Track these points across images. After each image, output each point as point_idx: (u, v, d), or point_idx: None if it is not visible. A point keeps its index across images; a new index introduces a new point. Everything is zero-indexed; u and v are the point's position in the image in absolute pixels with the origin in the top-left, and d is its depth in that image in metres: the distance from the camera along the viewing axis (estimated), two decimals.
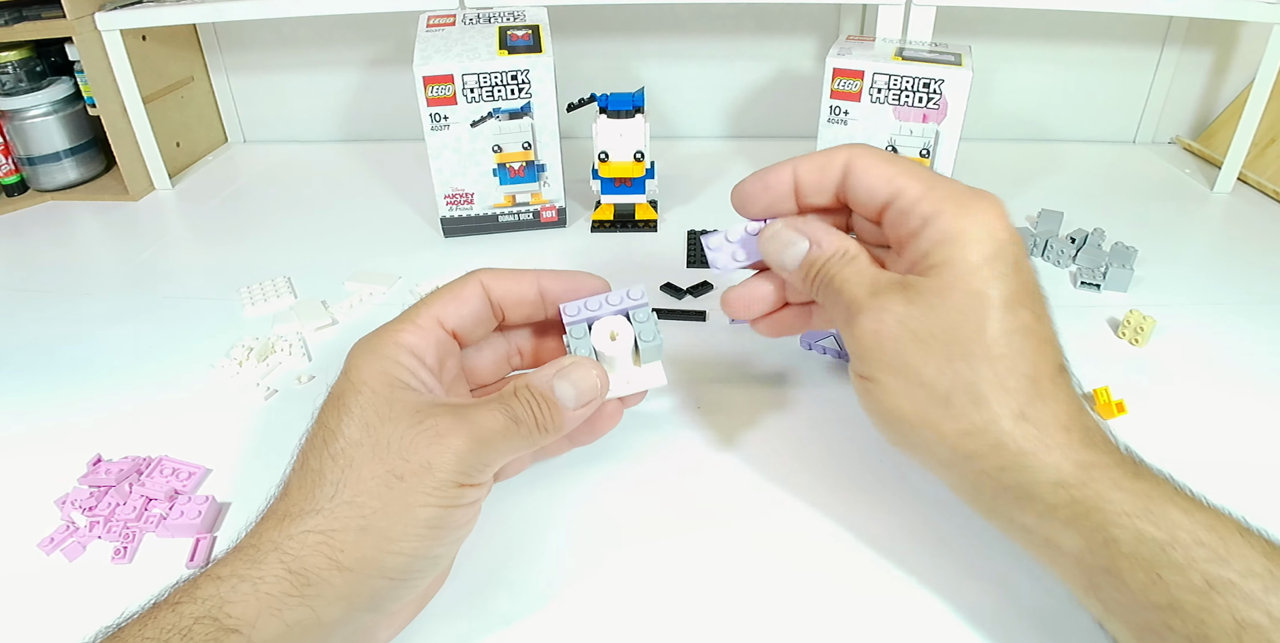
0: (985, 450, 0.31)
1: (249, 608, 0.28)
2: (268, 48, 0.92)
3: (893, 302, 0.33)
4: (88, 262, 0.70)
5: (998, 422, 0.31)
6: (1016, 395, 0.31)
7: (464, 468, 0.32)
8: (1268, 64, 0.71)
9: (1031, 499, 0.30)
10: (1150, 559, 0.28)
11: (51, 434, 0.48)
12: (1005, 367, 0.31)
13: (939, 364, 0.31)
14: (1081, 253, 0.64)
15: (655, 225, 0.72)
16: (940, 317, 0.32)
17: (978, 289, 0.31)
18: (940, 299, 0.32)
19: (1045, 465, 0.30)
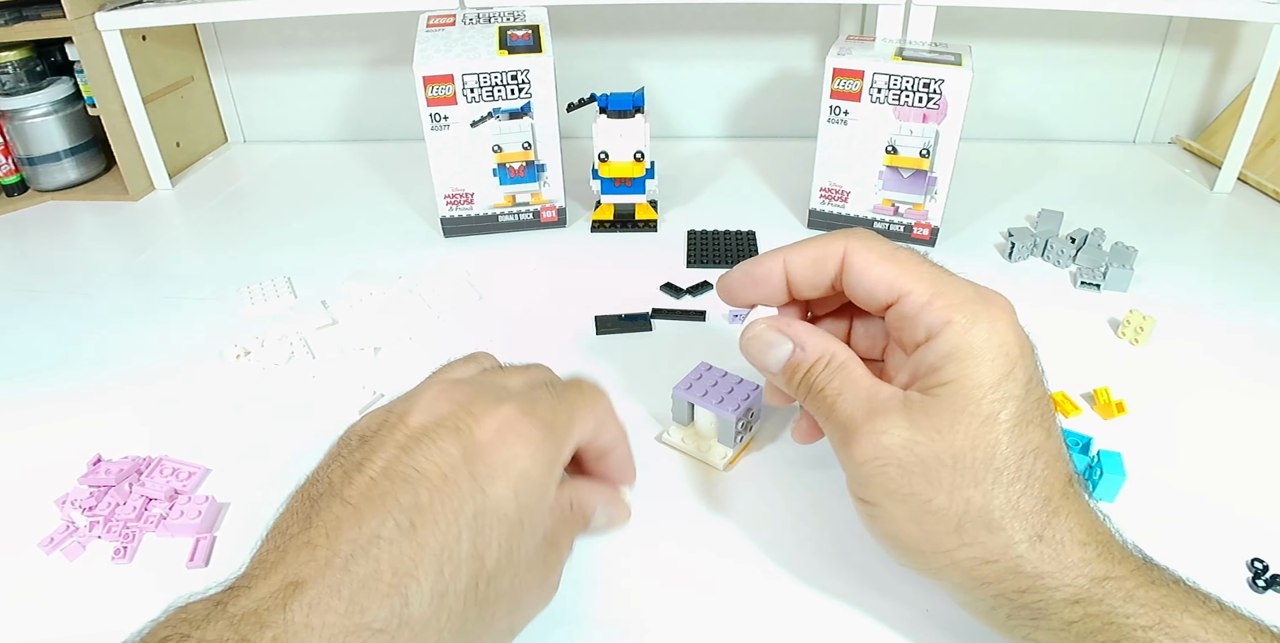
0: (1002, 575, 0.30)
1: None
2: (268, 48, 0.92)
3: (895, 424, 0.31)
4: (88, 262, 0.70)
5: (1014, 547, 0.29)
6: (1031, 518, 0.29)
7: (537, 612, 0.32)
8: (1268, 64, 0.71)
9: (1047, 617, 0.29)
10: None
11: (51, 434, 0.48)
12: (1018, 490, 0.30)
13: (949, 491, 0.30)
14: (1081, 253, 0.64)
15: (655, 225, 0.72)
16: (949, 442, 0.30)
17: (989, 413, 0.30)
18: (949, 423, 0.30)
19: (1062, 585, 0.29)
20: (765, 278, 0.35)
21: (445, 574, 0.26)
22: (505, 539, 0.28)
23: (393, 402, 0.32)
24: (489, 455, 0.28)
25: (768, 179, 0.82)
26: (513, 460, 0.29)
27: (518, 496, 0.28)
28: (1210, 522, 0.41)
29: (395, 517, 0.26)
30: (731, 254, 0.66)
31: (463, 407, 0.30)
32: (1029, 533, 0.29)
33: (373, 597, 0.25)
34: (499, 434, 0.29)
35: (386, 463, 0.28)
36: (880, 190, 0.67)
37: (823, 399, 0.33)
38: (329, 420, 0.49)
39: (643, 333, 0.57)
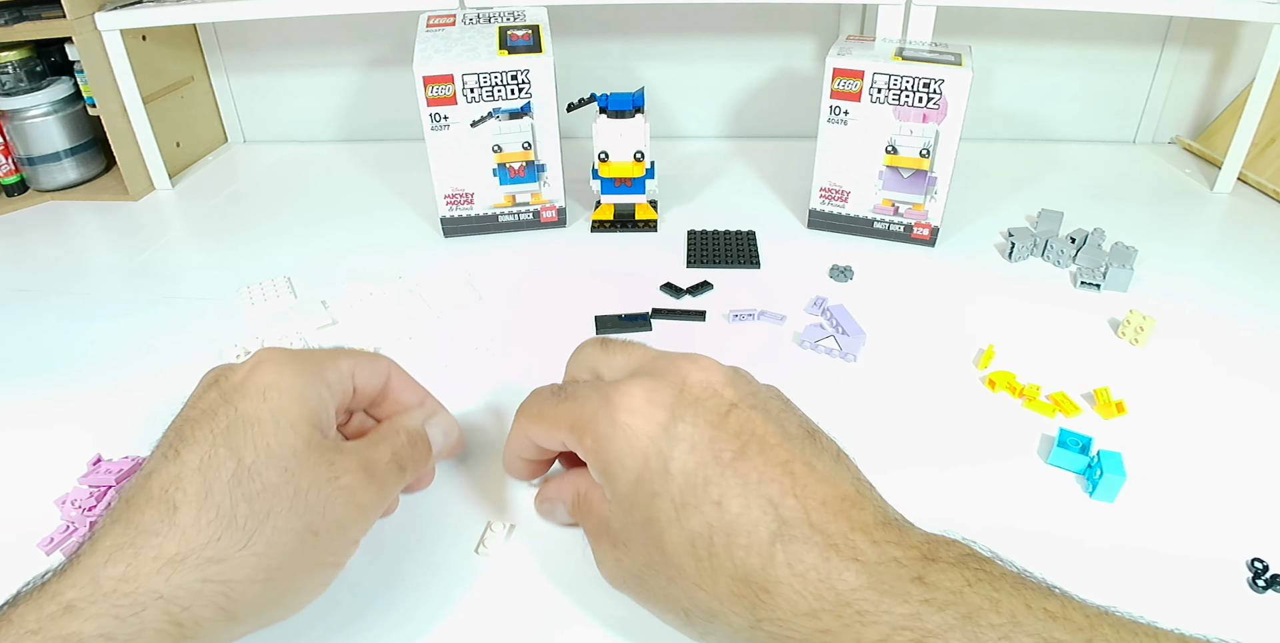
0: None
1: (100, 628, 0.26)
2: (268, 48, 0.92)
3: (603, 550, 0.33)
4: (88, 262, 0.70)
5: (740, 633, 0.28)
6: (739, 605, 0.28)
7: (371, 522, 0.34)
8: (1268, 64, 0.72)
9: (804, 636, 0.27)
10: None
11: (51, 434, 0.49)
12: (708, 578, 0.28)
13: (664, 594, 0.30)
14: (1081, 253, 0.64)
15: (655, 225, 0.72)
16: (636, 555, 0.31)
17: (645, 513, 0.30)
18: (628, 537, 0.31)
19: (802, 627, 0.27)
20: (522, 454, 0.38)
21: (207, 478, 0.30)
22: (258, 436, 0.31)
23: None
24: (243, 385, 0.33)
25: (768, 179, 0.82)
26: (259, 380, 0.33)
27: (266, 401, 0.32)
28: (1210, 522, 0.41)
29: (164, 453, 0.31)
30: (731, 254, 0.66)
31: (225, 368, 0.35)
32: (746, 622, 0.28)
33: (144, 512, 0.29)
34: (251, 370, 0.34)
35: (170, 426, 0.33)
36: (880, 190, 0.67)
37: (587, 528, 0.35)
38: None
39: (643, 333, 0.57)
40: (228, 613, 0.29)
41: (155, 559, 0.28)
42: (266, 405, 0.32)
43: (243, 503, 0.30)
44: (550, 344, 0.56)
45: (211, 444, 0.31)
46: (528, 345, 0.56)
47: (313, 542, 0.31)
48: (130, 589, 0.27)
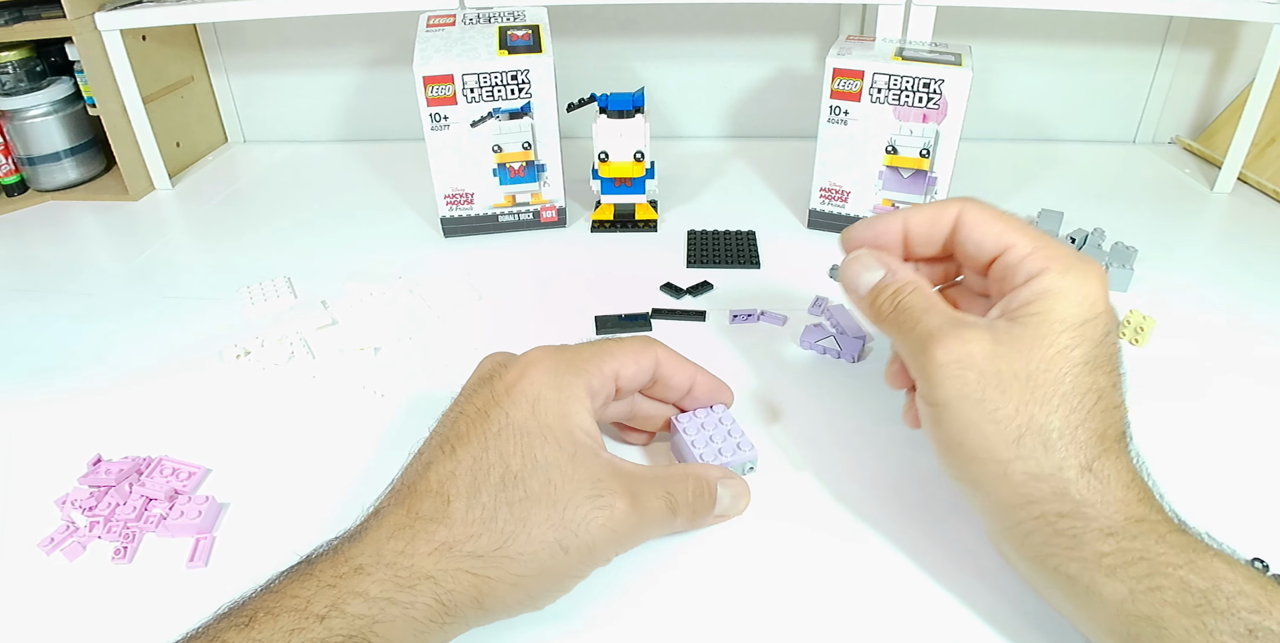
0: (1048, 496, 0.31)
1: (396, 630, 0.29)
2: (268, 48, 0.92)
3: (979, 336, 0.33)
4: (88, 262, 0.70)
5: (1064, 470, 0.31)
6: (1085, 449, 0.31)
7: (621, 551, 0.35)
8: (1268, 64, 0.71)
9: (1081, 547, 0.31)
10: (1195, 606, 0.28)
11: (51, 434, 0.48)
12: (1078, 420, 0.32)
13: (1016, 404, 0.32)
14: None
15: (655, 225, 0.72)
16: (1026, 360, 0.32)
17: (1065, 345, 0.32)
18: (1029, 345, 0.33)
19: (1100, 516, 0.31)
20: (885, 231, 0.39)
21: (477, 478, 0.33)
22: (526, 447, 0.33)
23: None
24: (513, 390, 0.35)
25: (768, 179, 0.82)
26: (529, 388, 0.35)
27: (535, 414, 0.34)
28: (1210, 522, 0.41)
29: (440, 446, 0.34)
30: (731, 254, 0.66)
31: (499, 364, 0.38)
32: (1080, 461, 0.31)
33: (423, 501, 0.32)
34: (521, 373, 0.36)
35: (445, 415, 0.37)
36: (880, 190, 0.67)
37: (908, 314, 0.36)
38: (329, 420, 0.49)
39: (643, 333, 0.57)
40: (479, 603, 0.31)
41: (428, 543, 0.31)
42: (535, 419, 0.34)
43: (504, 507, 0.32)
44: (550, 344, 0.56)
45: (483, 447, 0.34)
46: (528, 345, 0.55)
47: (561, 557, 0.32)
48: (408, 564, 0.30)
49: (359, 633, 0.29)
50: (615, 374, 0.38)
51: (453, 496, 0.32)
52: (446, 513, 0.32)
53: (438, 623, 0.30)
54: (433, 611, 0.30)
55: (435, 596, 0.30)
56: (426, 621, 0.30)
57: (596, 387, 0.37)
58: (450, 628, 0.31)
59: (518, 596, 0.32)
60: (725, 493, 0.39)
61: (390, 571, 0.30)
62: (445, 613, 0.30)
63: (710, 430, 0.42)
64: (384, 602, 0.29)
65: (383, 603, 0.29)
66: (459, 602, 0.31)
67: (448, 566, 0.31)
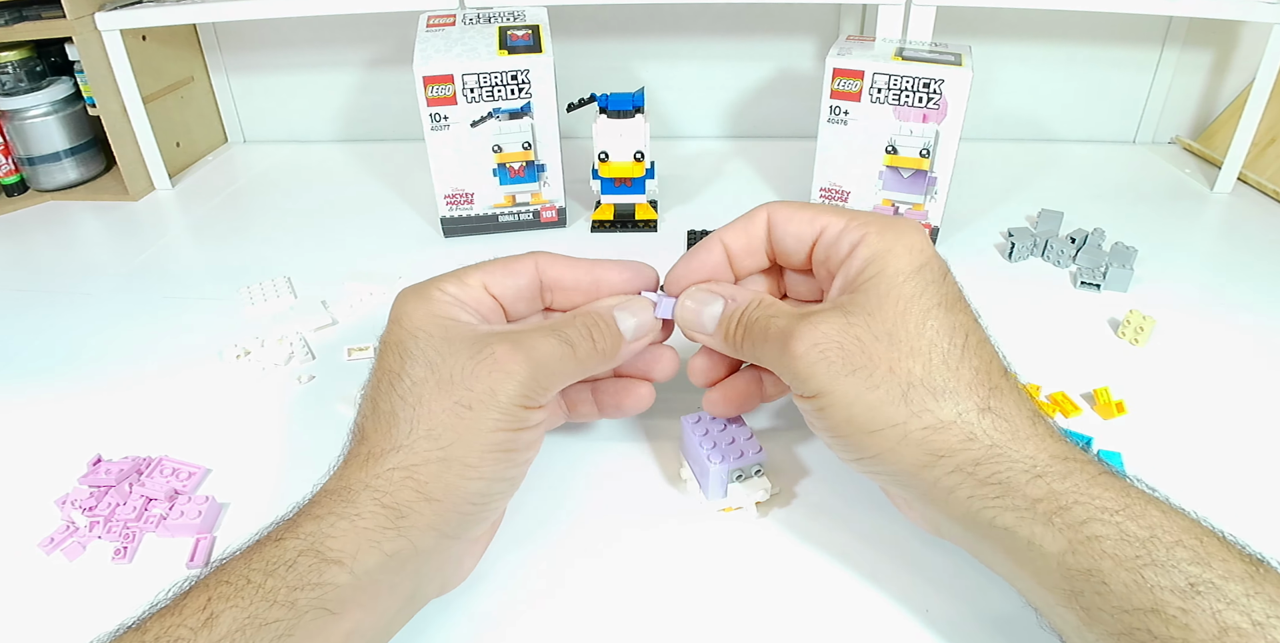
0: (956, 445, 0.30)
1: (348, 542, 0.30)
2: (268, 48, 0.92)
3: (827, 316, 0.33)
4: (88, 262, 0.70)
5: (964, 414, 0.30)
6: (975, 389, 0.31)
7: (525, 391, 0.33)
8: (1268, 64, 0.71)
9: (1010, 493, 0.29)
10: (1133, 558, 0.27)
11: (51, 434, 0.48)
12: (955, 361, 0.31)
13: (889, 364, 0.31)
14: (1081, 253, 0.64)
15: (655, 225, 0.72)
16: (880, 321, 0.32)
17: (912, 294, 0.32)
18: (877, 305, 0.32)
19: (1021, 456, 0.30)
20: (708, 258, 0.39)
21: (373, 397, 0.34)
22: (400, 351, 0.34)
23: None
24: (388, 326, 0.36)
25: (768, 179, 0.82)
26: (395, 314, 0.36)
27: (400, 325, 0.35)
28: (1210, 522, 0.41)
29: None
30: None
31: None
32: (975, 402, 0.31)
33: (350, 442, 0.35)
34: (391, 312, 0.36)
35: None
36: (880, 190, 0.67)
37: (757, 327, 0.35)
38: (329, 420, 0.49)
39: None
40: (423, 494, 0.31)
41: (355, 460, 0.33)
42: (402, 329, 0.35)
43: (398, 401, 0.33)
44: None
45: (373, 374, 0.35)
46: None
47: (468, 415, 0.32)
48: (344, 485, 0.32)
49: (310, 547, 0.30)
50: (482, 284, 0.37)
51: (362, 424, 0.34)
52: (363, 437, 0.34)
53: (391, 529, 0.31)
54: (380, 517, 0.31)
55: (376, 500, 0.31)
56: (378, 528, 0.30)
57: (458, 293, 0.36)
58: (410, 532, 0.31)
59: (455, 469, 0.32)
60: (625, 316, 0.38)
61: (330, 495, 0.32)
62: (396, 517, 0.31)
63: (716, 434, 0.42)
64: (330, 517, 0.30)
65: (330, 518, 0.30)
66: (403, 501, 0.31)
67: (377, 470, 0.32)
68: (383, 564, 0.30)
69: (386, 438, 0.33)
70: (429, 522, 0.31)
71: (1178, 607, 0.26)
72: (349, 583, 0.29)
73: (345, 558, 0.30)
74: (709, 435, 0.42)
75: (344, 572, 0.29)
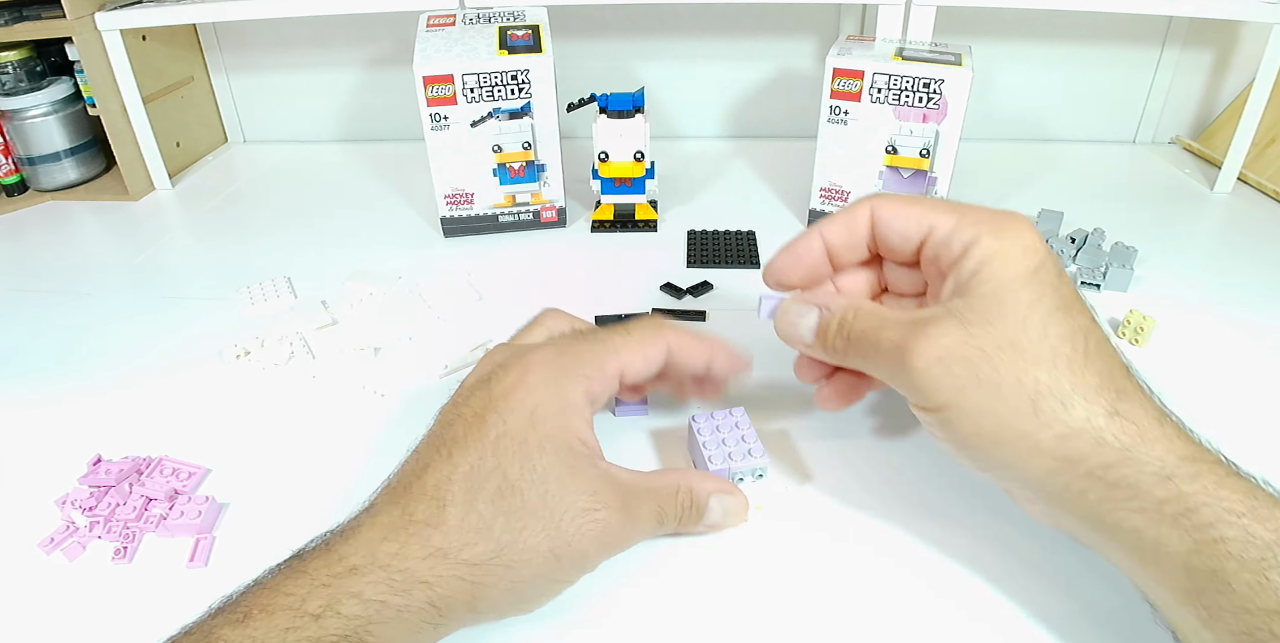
0: (1087, 451, 0.30)
1: (391, 631, 0.30)
2: (268, 48, 0.92)
3: (946, 327, 0.32)
4: (88, 262, 0.70)
5: (1093, 419, 0.30)
6: (1102, 393, 0.30)
7: (609, 556, 0.35)
8: (1268, 64, 0.71)
9: (1139, 496, 0.29)
10: (1258, 560, 0.27)
11: (51, 434, 0.48)
12: (1080, 366, 0.31)
13: (1015, 374, 0.30)
14: (1081, 253, 0.64)
15: (655, 225, 0.72)
16: (1001, 329, 0.31)
17: (1031, 298, 0.31)
18: (997, 312, 0.31)
19: (1150, 459, 0.29)
20: (806, 252, 0.38)
21: (474, 485, 0.32)
22: (524, 457, 0.33)
23: None
24: (510, 396, 0.35)
25: (768, 179, 0.82)
26: (527, 397, 0.35)
27: (533, 423, 0.34)
28: None
29: (438, 449, 0.34)
30: (731, 254, 0.66)
31: (498, 365, 0.37)
32: (1104, 408, 0.30)
33: (419, 504, 0.32)
34: (520, 378, 0.35)
35: (442, 415, 0.36)
36: (880, 190, 0.67)
37: (865, 340, 0.35)
38: (329, 420, 0.49)
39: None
40: (472, 607, 0.31)
41: (423, 548, 0.31)
42: (533, 429, 0.34)
43: (501, 517, 0.32)
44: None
45: (480, 454, 0.33)
46: None
47: (555, 565, 0.33)
48: (402, 567, 0.30)
49: (354, 633, 0.29)
50: (619, 373, 0.38)
51: (449, 501, 0.32)
52: (442, 519, 0.32)
53: (431, 624, 0.31)
54: (426, 613, 0.30)
55: (429, 600, 0.30)
56: (420, 622, 0.30)
57: (598, 391, 0.37)
58: (442, 628, 0.32)
59: (510, 600, 0.33)
60: (717, 506, 0.39)
61: (385, 573, 0.30)
62: (438, 615, 0.31)
63: (725, 434, 0.42)
64: (379, 604, 0.30)
65: (377, 606, 0.30)
66: (452, 605, 0.31)
67: (443, 572, 0.31)
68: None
69: (468, 546, 0.31)
70: (462, 624, 0.32)
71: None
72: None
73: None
74: (715, 435, 0.42)
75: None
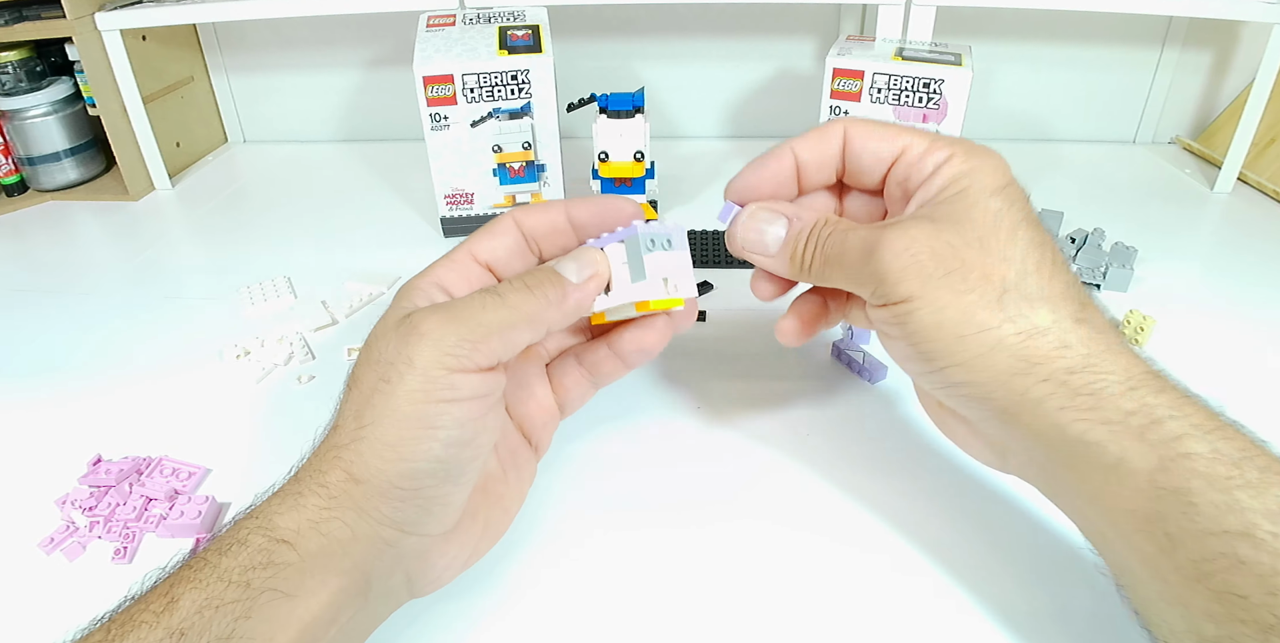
0: (1051, 352, 0.29)
1: (292, 521, 0.30)
2: (268, 48, 0.92)
3: (917, 224, 0.32)
4: (88, 262, 0.70)
5: (1060, 322, 0.30)
6: (1067, 300, 0.30)
7: (448, 351, 0.30)
8: (1268, 64, 0.71)
9: (1103, 405, 0.28)
10: (1225, 478, 0.26)
11: (51, 434, 0.48)
12: (1047, 273, 0.31)
13: (981, 269, 0.30)
14: (1081, 253, 0.64)
15: None
16: (970, 227, 0.31)
17: (1000, 207, 0.32)
18: (966, 214, 0.31)
19: (1116, 367, 0.29)
20: (778, 168, 0.36)
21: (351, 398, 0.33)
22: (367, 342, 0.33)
23: None
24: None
25: None
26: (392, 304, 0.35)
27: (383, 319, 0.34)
28: None
29: None
30: (731, 254, 0.66)
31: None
32: (1069, 313, 0.30)
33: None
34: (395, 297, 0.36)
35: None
36: None
37: (832, 244, 0.34)
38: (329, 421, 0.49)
39: None
40: (350, 475, 0.30)
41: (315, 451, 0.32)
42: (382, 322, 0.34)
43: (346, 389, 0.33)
44: None
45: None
46: None
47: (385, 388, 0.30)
48: (298, 474, 0.32)
49: (260, 526, 0.30)
50: (469, 255, 0.38)
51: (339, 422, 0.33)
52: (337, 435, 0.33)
53: (325, 509, 0.30)
54: (316, 496, 0.30)
55: (314, 479, 0.31)
56: (315, 508, 0.30)
57: (445, 276, 0.36)
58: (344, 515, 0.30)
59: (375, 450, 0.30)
60: (566, 262, 0.35)
61: (290, 481, 0.32)
62: (330, 497, 0.30)
63: None
64: (279, 497, 0.31)
65: (279, 498, 0.31)
66: (333, 482, 0.31)
67: (321, 452, 0.32)
68: (324, 547, 0.29)
69: (334, 427, 0.32)
70: (355, 503, 0.30)
71: (1268, 531, 0.24)
72: (297, 563, 0.29)
73: (291, 537, 0.29)
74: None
75: (291, 552, 0.29)
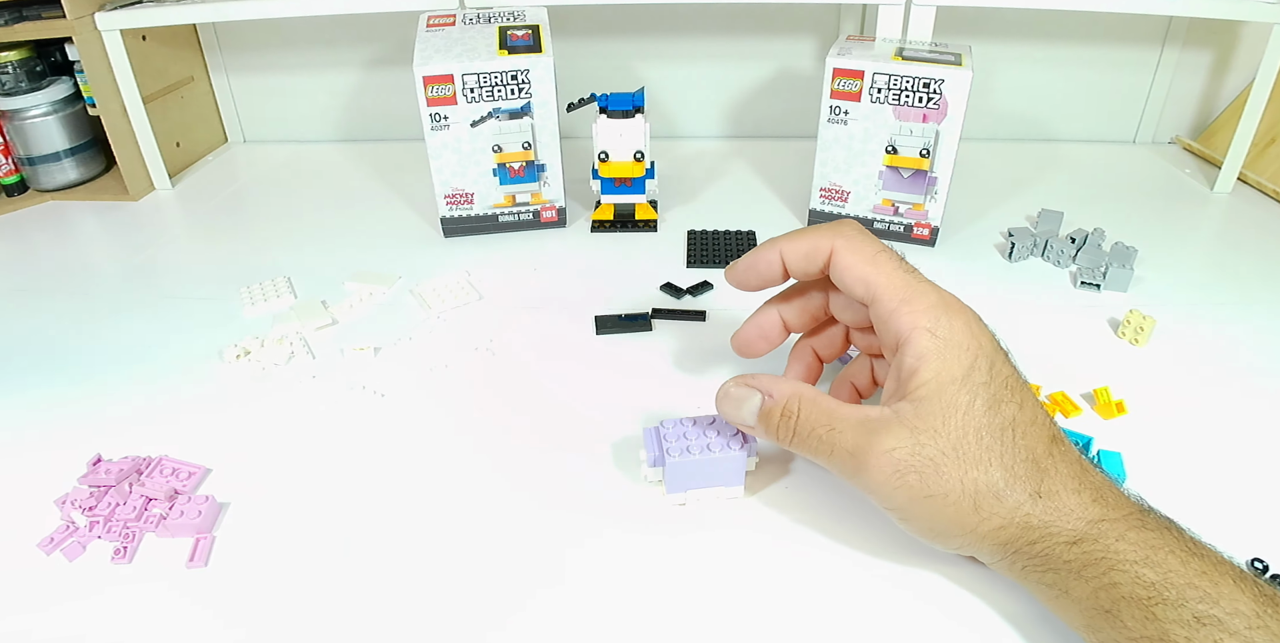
0: (1016, 535, 0.34)
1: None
2: (268, 48, 0.92)
3: (899, 438, 0.34)
4: (88, 262, 0.70)
5: (1020, 507, 0.34)
6: (1027, 481, 0.34)
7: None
8: (1268, 64, 0.71)
9: (1052, 560, 0.33)
10: (1145, 599, 0.30)
11: (51, 434, 0.48)
12: (1009, 459, 0.34)
13: (958, 478, 0.34)
14: (1081, 253, 0.64)
15: (655, 225, 0.72)
16: (945, 436, 0.34)
17: (965, 401, 0.34)
18: (939, 419, 0.34)
19: (1064, 530, 0.33)
20: (767, 267, 0.42)
21: None
22: None
23: None
24: None
25: (768, 179, 0.82)
26: None
27: None
28: (1210, 522, 0.41)
29: None
30: (731, 254, 0.66)
31: None
32: (1028, 493, 0.34)
33: None
34: None
35: None
36: (880, 190, 0.67)
37: (818, 439, 0.37)
38: (329, 420, 0.49)
39: (643, 333, 0.57)
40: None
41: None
42: None
43: None
44: (550, 344, 0.56)
45: None
46: (527, 345, 0.56)
47: None
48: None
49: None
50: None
51: None
52: None
53: None
54: None
55: None
56: None
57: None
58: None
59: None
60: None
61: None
62: None
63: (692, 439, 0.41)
64: None
65: None
66: None
67: None
68: None
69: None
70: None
71: (1183, 636, 0.29)
72: None
73: None
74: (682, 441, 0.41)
75: None
